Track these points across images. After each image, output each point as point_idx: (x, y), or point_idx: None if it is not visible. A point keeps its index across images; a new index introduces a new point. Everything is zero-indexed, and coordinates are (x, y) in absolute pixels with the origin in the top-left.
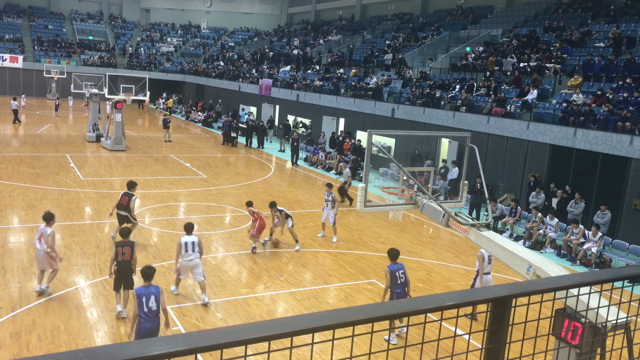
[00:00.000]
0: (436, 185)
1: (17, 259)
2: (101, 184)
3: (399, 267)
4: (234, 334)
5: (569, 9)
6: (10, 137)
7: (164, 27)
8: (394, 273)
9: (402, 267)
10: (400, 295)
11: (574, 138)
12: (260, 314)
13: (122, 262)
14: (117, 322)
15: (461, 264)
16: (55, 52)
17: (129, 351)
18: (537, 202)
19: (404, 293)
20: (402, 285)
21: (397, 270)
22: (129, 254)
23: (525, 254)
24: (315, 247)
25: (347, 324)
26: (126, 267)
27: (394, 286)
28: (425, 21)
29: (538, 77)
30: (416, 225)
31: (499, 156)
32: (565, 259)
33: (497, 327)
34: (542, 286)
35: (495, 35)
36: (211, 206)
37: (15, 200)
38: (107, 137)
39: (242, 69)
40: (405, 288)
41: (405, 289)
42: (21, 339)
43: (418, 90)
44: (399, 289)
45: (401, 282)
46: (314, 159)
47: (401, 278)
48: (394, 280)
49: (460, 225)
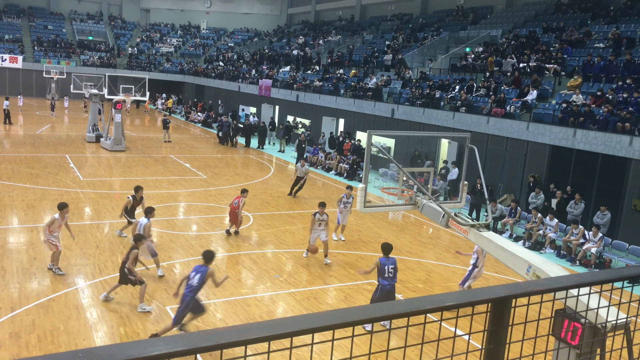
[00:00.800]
0: (436, 185)
1: (17, 259)
2: (101, 184)
3: (390, 262)
4: (234, 334)
5: (569, 9)
6: (9, 138)
7: (164, 28)
8: (382, 266)
9: (393, 262)
10: (385, 288)
11: (573, 139)
12: (259, 314)
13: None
14: (116, 322)
15: (461, 265)
16: (54, 53)
17: (129, 351)
18: (537, 203)
19: (390, 287)
20: (390, 279)
21: (387, 264)
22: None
23: (525, 254)
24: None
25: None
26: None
27: (382, 278)
28: (425, 22)
29: (538, 78)
30: (416, 225)
31: (498, 157)
32: (565, 259)
33: (497, 327)
34: (541, 286)
35: (495, 36)
36: (211, 206)
37: (14, 200)
38: (107, 137)
39: (241, 70)
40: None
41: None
42: (21, 339)
43: (418, 91)
44: (386, 281)
45: (389, 276)
46: (313, 160)
47: (390, 272)
48: (382, 273)
49: (460, 226)
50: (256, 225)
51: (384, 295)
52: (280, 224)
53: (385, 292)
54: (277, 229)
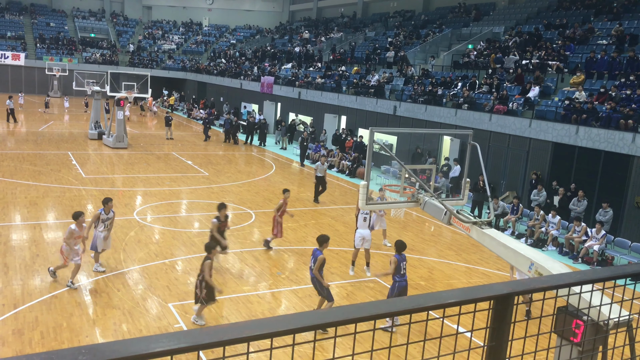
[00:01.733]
0: (438, 183)
1: (20, 256)
2: (103, 181)
3: (404, 258)
4: (236, 331)
5: (572, 6)
6: (10, 135)
7: (166, 25)
8: (399, 263)
9: (405, 259)
10: (402, 285)
11: (576, 136)
12: (262, 311)
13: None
14: (119, 320)
15: (463, 262)
16: (57, 50)
17: (132, 348)
18: (539, 200)
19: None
20: (404, 275)
21: (402, 261)
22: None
23: (528, 251)
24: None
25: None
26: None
27: (398, 276)
28: (428, 18)
29: (540, 75)
30: (418, 223)
31: (500, 154)
32: (567, 257)
33: (499, 324)
34: (544, 284)
35: (497, 33)
36: (213, 204)
37: (17, 197)
38: (109, 134)
39: (243, 67)
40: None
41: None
42: (24, 335)
43: (420, 88)
44: (402, 278)
45: (404, 272)
46: (315, 157)
47: (404, 269)
48: (398, 270)
49: (462, 223)
50: (258, 223)
51: (402, 291)
52: (283, 221)
53: (402, 288)
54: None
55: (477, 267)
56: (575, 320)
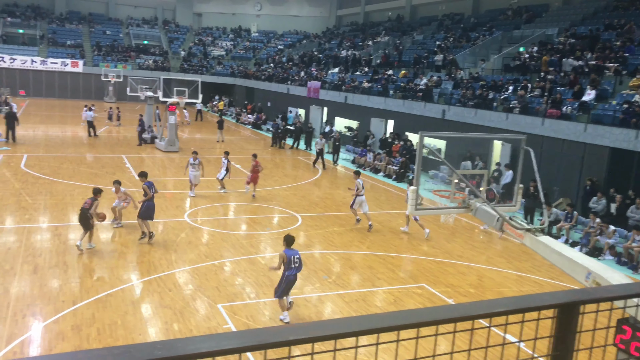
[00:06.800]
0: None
1: (78, 255)
2: (155, 184)
3: (294, 253)
4: (301, 331)
5: (631, 6)
6: (71, 139)
7: (215, 31)
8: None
9: (297, 253)
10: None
11: (635, 140)
12: (308, 314)
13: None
14: (170, 319)
15: (514, 270)
16: (112, 57)
17: (203, 345)
18: (598, 208)
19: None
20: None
21: (292, 255)
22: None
23: (584, 260)
24: (363, 250)
25: (392, 329)
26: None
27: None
28: (477, 21)
29: (596, 78)
30: (467, 229)
31: (554, 159)
32: (626, 267)
33: (564, 333)
34: (611, 293)
35: (550, 35)
36: (260, 207)
37: (75, 199)
38: (161, 139)
39: (290, 72)
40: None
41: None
42: (82, 331)
43: (469, 92)
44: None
45: (295, 266)
46: (361, 161)
47: (296, 263)
48: (289, 264)
49: (515, 230)
50: (304, 226)
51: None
52: (329, 225)
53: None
54: (325, 230)
55: (529, 275)
56: (638, 333)
